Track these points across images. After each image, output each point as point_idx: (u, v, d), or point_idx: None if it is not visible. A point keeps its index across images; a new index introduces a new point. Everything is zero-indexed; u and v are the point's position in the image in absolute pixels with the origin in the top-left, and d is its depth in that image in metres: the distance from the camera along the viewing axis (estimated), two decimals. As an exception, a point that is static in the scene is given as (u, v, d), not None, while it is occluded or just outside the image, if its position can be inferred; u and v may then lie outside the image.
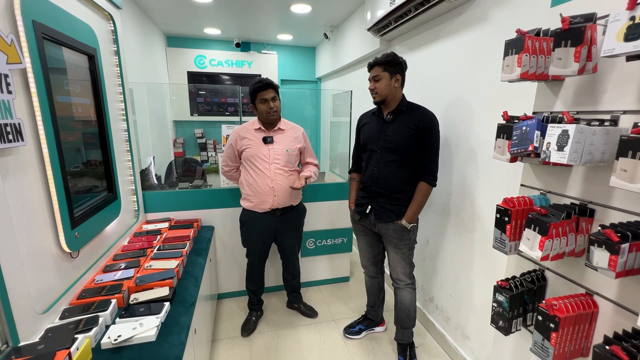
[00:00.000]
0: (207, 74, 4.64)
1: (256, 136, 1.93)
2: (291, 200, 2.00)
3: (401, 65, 1.65)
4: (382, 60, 1.63)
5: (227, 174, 2.09)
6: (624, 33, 0.74)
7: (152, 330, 1.14)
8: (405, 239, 1.74)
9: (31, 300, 1.02)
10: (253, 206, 1.97)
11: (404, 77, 1.69)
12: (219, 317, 2.30)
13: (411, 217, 1.69)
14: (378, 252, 1.96)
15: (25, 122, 1.01)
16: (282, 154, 1.93)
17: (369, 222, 1.83)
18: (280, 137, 1.96)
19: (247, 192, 1.98)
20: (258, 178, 1.91)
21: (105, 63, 1.62)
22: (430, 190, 1.68)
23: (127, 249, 1.72)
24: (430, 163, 1.66)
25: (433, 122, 1.65)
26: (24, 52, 1.01)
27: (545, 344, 0.95)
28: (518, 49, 0.99)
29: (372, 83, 1.68)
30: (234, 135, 1.97)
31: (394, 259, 1.79)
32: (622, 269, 0.78)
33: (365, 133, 1.82)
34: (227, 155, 2.02)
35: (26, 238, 1.02)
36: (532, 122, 0.97)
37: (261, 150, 1.91)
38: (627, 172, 0.74)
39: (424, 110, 1.69)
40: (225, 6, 3.21)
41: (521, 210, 1.06)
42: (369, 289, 2.09)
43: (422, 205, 1.70)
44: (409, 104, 1.71)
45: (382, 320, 2.19)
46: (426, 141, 1.64)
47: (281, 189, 1.93)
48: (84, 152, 1.43)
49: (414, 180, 1.70)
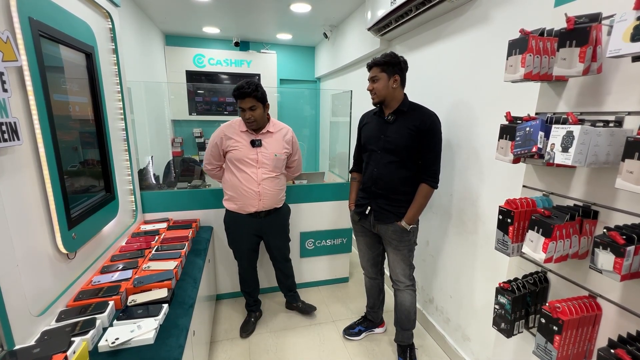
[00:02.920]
0: (205, 73, 4.62)
1: (244, 138, 1.85)
2: (276, 204, 1.97)
3: (400, 66, 1.63)
4: (380, 61, 1.62)
5: (210, 172, 1.99)
6: (630, 33, 0.73)
7: (150, 333, 1.12)
8: (405, 240, 1.72)
9: (27, 303, 1.00)
10: (237, 208, 1.92)
11: (403, 77, 1.66)
12: (218, 319, 2.29)
13: (411, 219, 1.68)
14: (377, 254, 1.94)
15: (21, 121, 0.99)
16: (270, 158, 1.87)
17: (368, 223, 1.81)
18: (269, 140, 1.89)
19: (230, 194, 1.92)
20: (244, 181, 1.85)
21: (103, 61, 1.60)
22: (431, 192, 1.67)
23: (125, 249, 1.71)
24: (432, 165, 1.65)
25: (435, 123, 1.63)
26: (20, 49, 1.00)
27: (548, 346, 0.94)
28: (522, 49, 0.98)
29: (371, 84, 1.67)
30: (219, 134, 1.87)
31: (393, 261, 1.78)
32: (628, 272, 0.77)
33: (366, 133, 1.80)
34: (211, 154, 1.91)
35: (22, 239, 1.00)
36: (535, 122, 0.96)
37: (248, 153, 1.83)
38: (633, 174, 0.73)
39: (425, 110, 1.67)
40: (225, 5, 3.19)
41: (524, 212, 1.05)
42: (368, 290, 2.08)
43: (422, 207, 1.68)
44: (411, 105, 1.69)
45: (381, 322, 2.18)
46: (427, 142, 1.62)
47: (267, 193, 1.88)
48: (81, 152, 1.41)
49: (415, 182, 1.68)
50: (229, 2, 3.11)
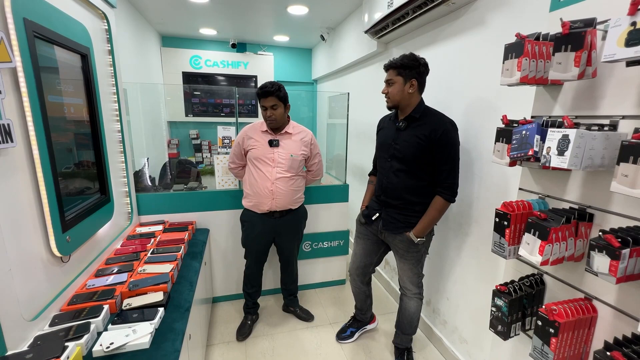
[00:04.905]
0: (202, 75, 4.60)
1: (263, 138, 1.93)
2: (290, 204, 1.98)
3: (419, 69, 1.52)
4: (397, 63, 1.51)
5: (233, 170, 2.11)
6: (625, 38, 0.74)
7: (145, 337, 1.11)
8: (412, 251, 1.66)
9: (19, 307, 0.99)
10: (252, 206, 1.98)
11: (421, 81, 1.55)
12: (214, 321, 2.27)
13: (420, 232, 1.59)
14: (370, 263, 1.88)
15: (15, 123, 0.98)
16: (286, 158, 1.92)
17: (375, 227, 1.77)
18: (287, 141, 1.95)
19: (247, 192, 1.99)
20: (259, 179, 1.91)
21: (98, 62, 1.59)
22: (446, 206, 1.56)
23: (120, 252, 1.69)
24: (447, 177, 1.53)
25: (447, 132, 1.50)
26: (15, 50, 0.98)
27: (544, 349, 0.94)
28: (518, 53, 0.99)
29: (385, 87, 1.58)
30: (242, 134, 1.98)
31: (401, 268, 1.75)
32: (623, 275, 0.78)
33: (380, 139, 1.76)
34: (234, 153, 2.03)
35: (15, 242, 0.98)
36: (532, 126, 0.97)
37: (266, 152, 1.91)
38: (628, 178, 0.74)
39: (439, 118, 1.54)
40: (221, 6, 3.18)
41: (520, 215, 1.05)
42: (356, 295, 2.06)
43: (434, 221, 1.59)
44: (425, 111, 1.58)
45: (372, 318, 2.17)
46: (440, 154, 1.51)
47: (280, 193, 1.91)
48: (76, 154, 1.40)
49: (428, 192, 1.59)
50: (225, 4, 3.11)
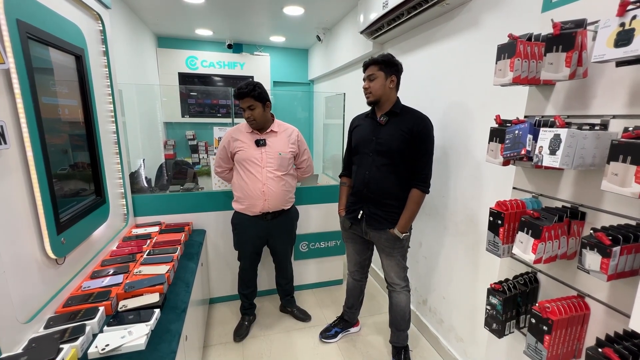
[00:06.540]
0: (198, 75, 4.60)
1: (249, 138, 1.91)
2: (282, 205, 1.98)
3: (397, 67, 1.63)
4: (379, 60, 1.60)
5: (220, 175, 2.07)
6: (614, 39, 0.75)
7: (141, 339, 1.11)
8: (398, 247, 1.72)
9: (14, 309, 0.98)
10: (244, 209, 1.95)
11: (399, 79, 1.66)
12: (211, 322, 2.26)
13: (404, 227, 1.66)
14: (365, 258, 1.95)
15: (8, 124, 0.97)
16: (274, 157, 1.91)
17: (360, 229, 1.79)
18: (273, 139, 1.93)
19: (238, 195, 1.96)
20: (249, 181, 1.89)
21: (93, 64, 1.58)
22: (422, 198, 1.65)
23: (115, 254, 1.68)
24: (423, 169, 1.63)
25: (427, 126, 1.61)
26: (8, 52, 0.98)
27: (538, 346, 0.95)
28: (510, 53, 1.00)
29: (367, 82, 1.64)
30: (227, 137, 1.95)
31: (387, 265, 1.78)
32: (614, 272, 0.79)
33: (357, 136, 1.79)
34: (220, 157, 2.00)
35: (9, 244, 0.98)
36: (524, 126, 0.98)
37: (253, 153, 1.89)
38: (618, 176, 0.75)
39: (418, 114, 1.65)
40: (217, 7, 3.18)
41: (514, 213, 1.06)
42: (350, 290, 2.08)
43: (414, 214, 1.66)
44: (403, 107, 1.68)
45: (356, 321, 2.20)
46: (420, 146, 1.60)
47: (272, 193, 1.90)
48: (71, 155, 1.39)
49: (407, 187, 1.66)
50: (221, 4, 3.11)
